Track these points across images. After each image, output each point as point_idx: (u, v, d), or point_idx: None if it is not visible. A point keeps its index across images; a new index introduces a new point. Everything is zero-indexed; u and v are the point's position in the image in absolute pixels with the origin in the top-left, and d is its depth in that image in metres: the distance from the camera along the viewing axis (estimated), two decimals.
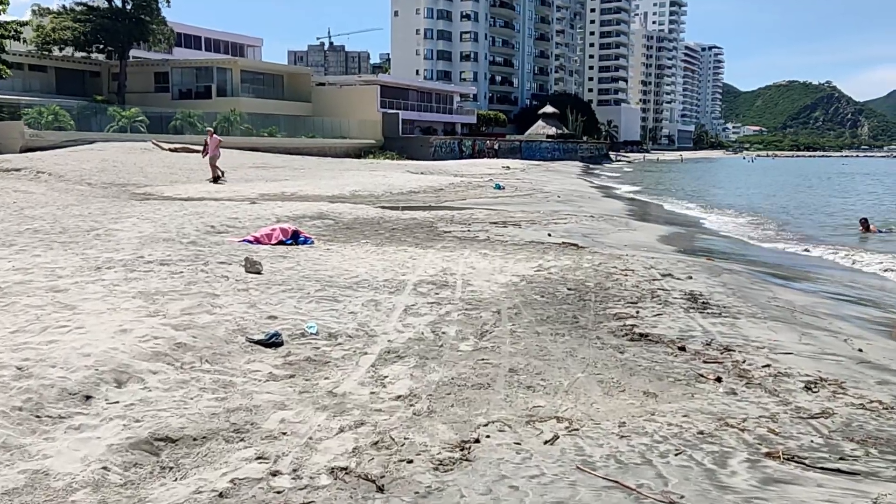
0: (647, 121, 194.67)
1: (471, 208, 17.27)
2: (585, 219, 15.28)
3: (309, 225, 12.22)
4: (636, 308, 6.35)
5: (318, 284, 6.82)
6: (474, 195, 22.10)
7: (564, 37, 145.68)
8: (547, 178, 36.89)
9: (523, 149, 68.86)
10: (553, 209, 17.93)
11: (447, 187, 24.95)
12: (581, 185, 33.45)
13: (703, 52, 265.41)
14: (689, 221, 18.68)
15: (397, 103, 60.67)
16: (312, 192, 21.54)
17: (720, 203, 25.61)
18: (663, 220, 17.92)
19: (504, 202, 20.05)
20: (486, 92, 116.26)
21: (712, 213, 20.55)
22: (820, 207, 25.54)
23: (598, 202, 22.20)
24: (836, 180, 48.74)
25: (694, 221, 18.60)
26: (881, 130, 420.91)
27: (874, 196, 33.13)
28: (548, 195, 23.08)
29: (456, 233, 11.87)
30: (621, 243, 11.68)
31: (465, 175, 33.99)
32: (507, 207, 18.02)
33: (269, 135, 50.15)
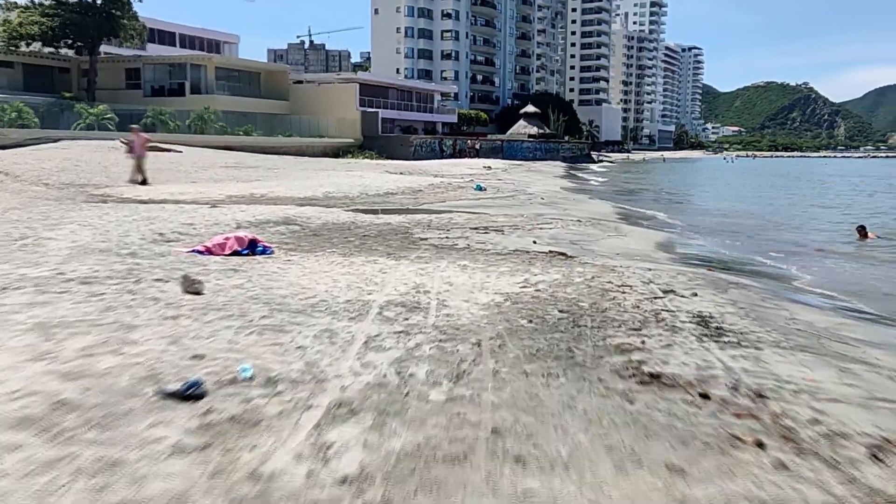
0: (628, 121, 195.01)
1: (450, 212, 16.27)
2: (572, 223, 14.34)
3: (272, 231, 11.14)
4: (640, 336, 5.37)
5: (267, 308, 5.77)
6: (454, 197, 21.11)
7: (546, 36, 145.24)
8: (529, 178, 35.98)
9: (505, 148, 67.99)
10: (537, 212, 16.97)
11: (426, 188, 23.94)
12: (565, 187, 32.58)
13: (683, 53, 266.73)
14: (680, 227, 17.86)
15: (377, 102, 59.53)
16: (284, 193, 20.42)
17: (710, 208, 24.81)
18: (654, 225, 17.04)
19: (485, 205, 19.07)
20: (467, 91, 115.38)
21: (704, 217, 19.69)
22: (810, 211, 24.87)
23: (583, 205, 21.29)
24: (830, 185, 48.34)
25: (685, 227, 17.75)
26: (857, 131, 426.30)
27: (871, 198, 32.64)
28: (531, 197, 22.14)
29: (433, 240, 10.85)
30: (612, 251, 10.74)
31: (446, 175, 32.99)
32: (489, 211, 17.04)
33: (245, 133, 48.82)
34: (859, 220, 17.83)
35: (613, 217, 17.57)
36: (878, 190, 39.80)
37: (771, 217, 21.64)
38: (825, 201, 30.04)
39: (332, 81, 58.36)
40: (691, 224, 18.14)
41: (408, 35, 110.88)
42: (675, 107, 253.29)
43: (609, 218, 17.05)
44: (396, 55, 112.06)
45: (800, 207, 26.18)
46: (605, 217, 17.17)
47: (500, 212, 16.70)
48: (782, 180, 52.52)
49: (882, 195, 34.94)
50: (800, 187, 42.38)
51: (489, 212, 16.71)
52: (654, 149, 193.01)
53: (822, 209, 25.43)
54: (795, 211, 24.59)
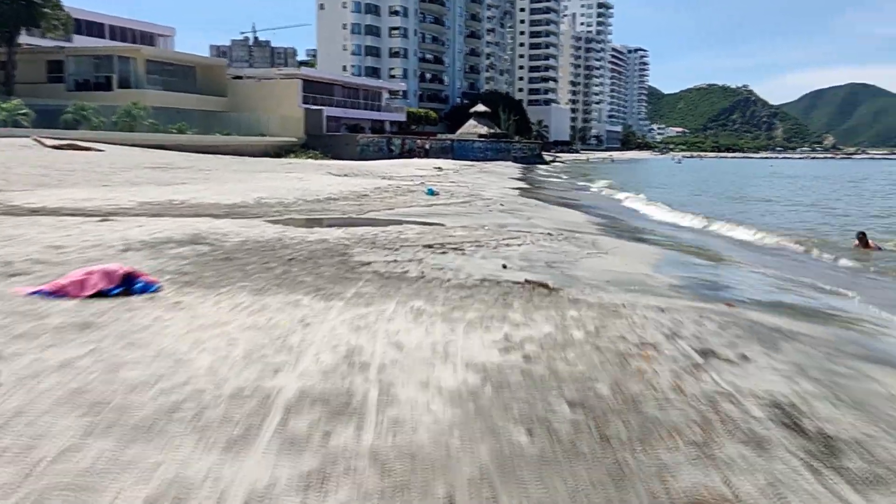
0: (577, 121, 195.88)
1: (399, 222, 14.00)
2: (543, 237, 12.23)
3: (171, 255, 8.69)
4: (716, 467, 3.22)
5: (85, 420, 3.41)
6: (404, 203, 18.83)
7: (495, 35, 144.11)
8: (483, 181, 33.94)
9: (455, 148, 65.97)
10: (499, 222, 14.85)
11: (372, 193, 21.59)
12: (522, 190, 30.61)
13: (630, 54, 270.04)
14: (665, 235, 15.93)
15: (321, 99, 56.79)
16: (209, 199, 17.83)
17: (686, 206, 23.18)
18: (633, 235, 15.11)
19: (439, 212, 16.85)
20: (416, 89, 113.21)
21: (684, 221, 17.80)
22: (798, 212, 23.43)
23: (547, 211, 19.27)
24: (800, 184, 47.69)
25: (670, 235, 15.82)
26: (794, 133, 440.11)
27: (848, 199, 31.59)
28: (489, 203, 20.01)
29: (378, 265, 8.57)
30: (601, 277, 8.65)
31: (394, 177, 30.68)
32: (445, 220, 14.83)
33: (179, 131, 45.58)
34: (859, 225, 16.22)
35: (586, 227, 15.56)
36: (847, 192, 39.25)
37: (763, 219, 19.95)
38: (804, 200, 28.87)
39: (274, 77, 55.36)
40: (675, 234, 16.33)
41: (354, 32, 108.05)
42: (621, 107, 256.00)
43: (582, 229, 15.01)
44: (343, 52, 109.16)
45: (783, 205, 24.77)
46: (577, 228, 15.13)
47: (456, 222, 14.51)
48: (747, 179, 51.92)
49: (853, 196, 34.15)
50: (774, 186, 41.60)
51: (445, 222, 14.50)
52: (602, 149, 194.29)
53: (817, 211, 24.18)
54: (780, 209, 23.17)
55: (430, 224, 13.88)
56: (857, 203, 28.67)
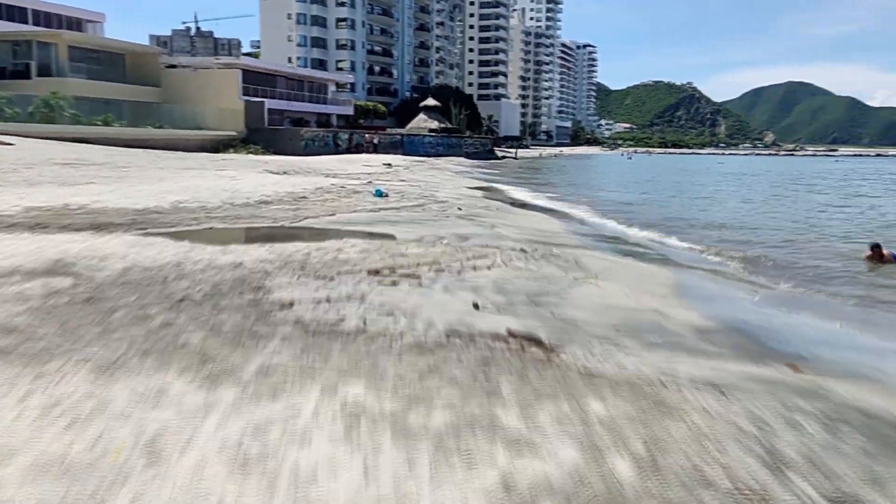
0: (527, 116, 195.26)
1: (340, 233, 11.60)
2: (515, 254, 9.98)
3: (9, 296, 6.14)
4: None
5: None
6: (348, 207, 16.36)
7: (444, 29, 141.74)
8: (437, 179, 31.61)
9: (405, 143, 63.50)
10: (459, 232, 12.56)
11: (313, 194, 19.05)
12: (480, 189, 28.38)
13: (578, 50, 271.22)
14: (650, 246, 13.86)
15: (263, 91, 53.53)
16: (115, 203, 15.05)
17: (675, 214, 21.03)
18: (616, 247, 12.99)
19: (389, 218, 14.47)
20: (364, 82, 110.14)
21: (671, 236, 15.71)
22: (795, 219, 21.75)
23: (511, 215, 17.04)
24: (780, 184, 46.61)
25: (661, 251, 13.73)
26: (736, 129, 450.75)
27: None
28: (445, 206, 17.69)
29: (303, 308, 6.17)
30: (605, 319, 6.45)
31: (339, 175, 28.12)
32: (395, 230, 12.47)
33: (104, 123, 41.93)
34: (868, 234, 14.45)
35: (562, 238, 13.35)
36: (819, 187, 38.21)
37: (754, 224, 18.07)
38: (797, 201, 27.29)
39: (212, 66, 51.85)
40: (675, 243, 14.26)
41: (300, 22, 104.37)
42: (571, 103, 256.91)
43: (556, 240, 12.78)
44: (288, 43, 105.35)
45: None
46: (551, 238, 12.90)
47: (409, 232, 12.17)
48: (705, 178, 50.85)
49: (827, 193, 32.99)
50: (744, 186, 40.38)
51: (395, 232, 12.14)
52: (552, 144, 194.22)
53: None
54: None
55: (378, 236, 11.51)
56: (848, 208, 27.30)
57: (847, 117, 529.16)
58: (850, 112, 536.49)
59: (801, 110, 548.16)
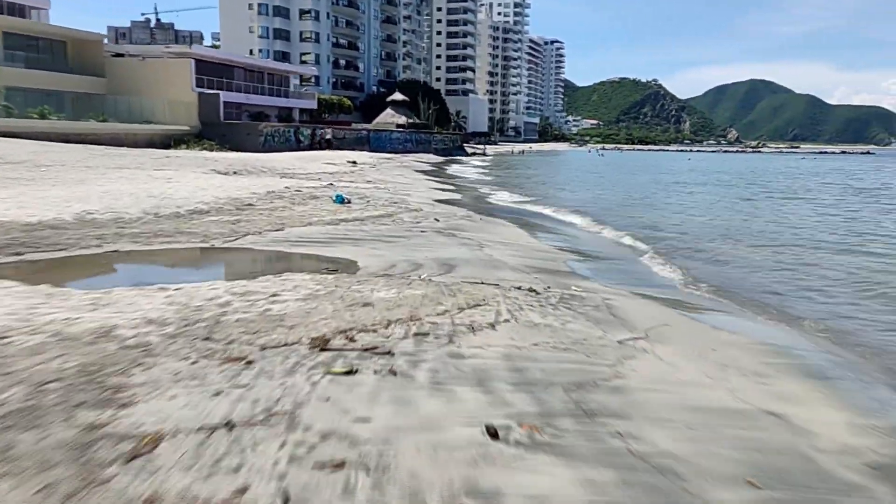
0: (495, 112, 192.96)
1: (282, 262, 8.69)
2: (523, 297, 7.15)
3: None
4: None
5: None
6: (301, 218, 13.39)
7: (411, 23, 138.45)
8: (407, 179, 28.72)
9: (371, 139, 60.34)
10: (441, 256, 9.73)
11: (262, 200, 16.01)
12: (454, 192, 25.51)
13: (546, 46, 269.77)
14: (693, 280, 11.03)
15: (219, 82, 49.93)
16: (5, 214, 11.92)
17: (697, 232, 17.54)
18: (639, 277, 10.20)
19: (350, 236, 11.55)
20: (329, 76, 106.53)
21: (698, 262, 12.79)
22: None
23: (500, 229, 14.17)
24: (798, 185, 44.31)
25: (697, 280, 10.91)
26: (700, 126, 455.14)
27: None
28: (418, 216, 14.79)
29: (170, 458, 3.27)
30: (715, 450, 3.69)
31: (298, 175, 25.06)
32: (357, 254, 9.59)
33: (40, 116, 38.16)
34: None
35: (572, 261, 10.53)
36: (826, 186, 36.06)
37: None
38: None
39: (162, 55, 48.07)
40: (705, 275, 11.46)
41: (261, 13, 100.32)
42: (538, 99, 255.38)
43: (566, 264, 9.97)
44: (249, 35, 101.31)
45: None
46: (559, 263, 10.07)
47: (376, 258, 9.31)
48: (686, 176, 48.55)
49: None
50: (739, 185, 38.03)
51: (358, 258, 9.27)
52: (521, 140, 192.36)
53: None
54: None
55: (334, 265, 8.64)
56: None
57: (807, 115, 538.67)
58: (810, 109, 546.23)
59: (763, 108, 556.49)
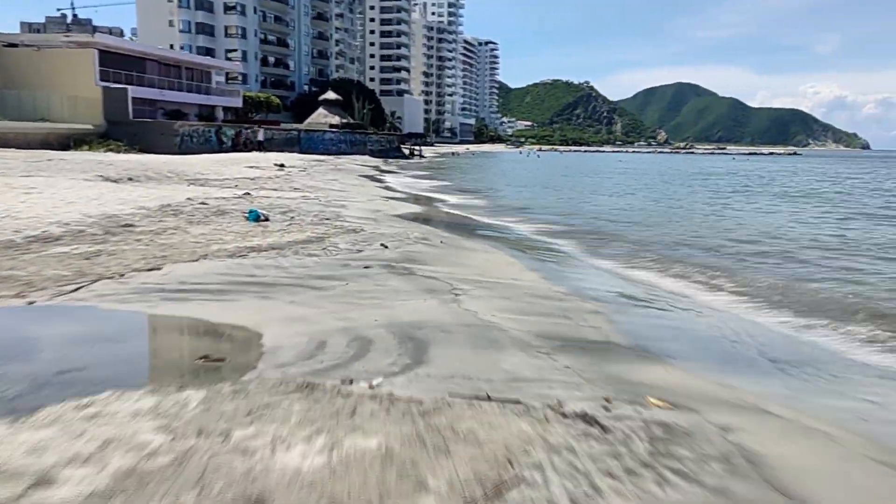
0: (430, 113, 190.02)
1: (124, 347, 4.90)
2: (576, 441, 3.64)
3: None
4: None
5: None
6: (195, 247, 9.54)
7: (344, 21, 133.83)
8: (341, 185, 24.88)
9: (303, 140, 56.04)
10: (395, 317, 6.13)
11: (148, 218, 12.02)
12: (401, 200, 21.82)
13: (481, 47, 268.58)
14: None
15: (128, 76, 44.85)
16: None
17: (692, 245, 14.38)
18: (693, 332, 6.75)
19: (258, 279, 7.79)
20: (257, 74, 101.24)
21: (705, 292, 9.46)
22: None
23: (473, 256, 10.57)
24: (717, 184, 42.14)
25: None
26: (631, 128, 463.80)
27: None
28: (357, 240, 11.07)
29: None
30: None
31: (211, 181, 20.96)
32: (262, 320, 5.87)
33: None
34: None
35: (602, 317, 6.87)
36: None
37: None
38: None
39: (61, 45, 42.72)
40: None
41: (182, 5, 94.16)
42: (474, 100, 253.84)
43: (603, 330, 6.41)
44: (170, 29, 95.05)
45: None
46: (589, 328, 6.55)
47: (291, 323, 5.67)
48: (640, 178, 46.06)
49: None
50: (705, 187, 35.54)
51: (262, 329, 5.58)
52: (457, 142, 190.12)
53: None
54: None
55: (220, 345, 4.95)
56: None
57: (730, 117, 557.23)
58: (733, 112, 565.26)
59: (689, 110, 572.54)
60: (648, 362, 5.45)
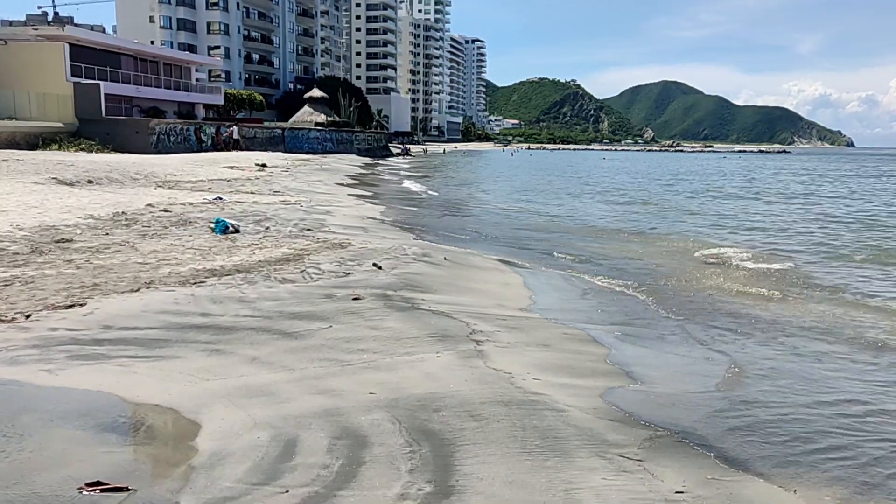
0: (417, 111, 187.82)
1: None
2: None
3: None
4: None
5: None
6: (140, 270, 7.59)
7: (330, 18, 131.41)
8: (327, 187, 22.91)
9: (287, 139, 53.89)
10: (400, 390, 4.25)
11: (93, 230, 10.05)
12: (399, 207, 19.84)
13: (467, 45, 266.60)
14: None
15: (102, 72, 42.51)
16: None
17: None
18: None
19: (212, 320, 5.87)
20: (241, 72, 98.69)
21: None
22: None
23: (487, 279, 8.66)
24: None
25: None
26: (618, 126, 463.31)
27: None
28: (344, 258, 9.12)
29: None
30: None
31: (182, 184, 18.94)
32: (201, 397, 3.98)
33: None
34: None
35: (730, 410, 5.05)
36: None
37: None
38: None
39: (29, 39, 40.35)
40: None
41: (163, 1, 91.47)
42: (461, 99, 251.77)
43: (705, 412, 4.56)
44: (150, 25, 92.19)
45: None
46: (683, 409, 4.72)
47: (244, 402, 3.75)
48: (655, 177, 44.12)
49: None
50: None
51: (200, 414, 3.67)
52: (444, 140, 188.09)
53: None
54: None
55: (117, 474, 3.02)
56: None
57: (716, 115, 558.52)
58: (719, 110, 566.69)
59: (675, 108, 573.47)
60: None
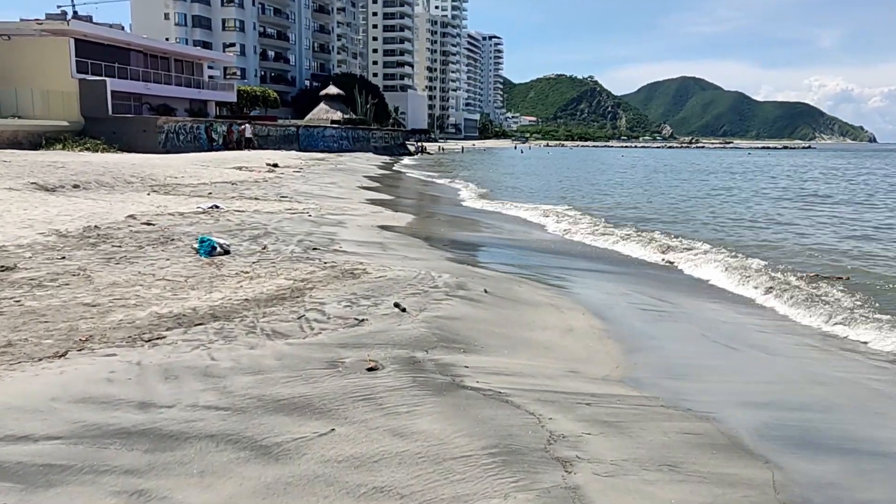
0: (434, 108, 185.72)
1: None
2: None
3: None
4: None
5: None
6: (82, 315, 5.69)
7: (346, 15, 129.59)
8: (341, 191, 20.91)
9: (301, 137, 52.10)
10: None
11: (51, 253, 8.17)
12: (430, 220, 17.83)
13: (485, 42, 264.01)
14: None
15: (109, 68, 40.89)
16: None
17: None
18: None
19: (144, 421, 3.91)
20: (256, 69, 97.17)
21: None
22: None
23: (534, 316, 6.54)
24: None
25: None
26: (636, 122, 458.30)
27: None
28: (356, 293, 7.13)
29: None
30: None
31: (181, 188, 17.05)
32: None
33: None
34: None
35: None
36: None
37: None
38: None
39: (33, 33, 38.82)
40: None
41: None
42: (478, 96, 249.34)
43: None
44: (165, 22, 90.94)
45: None
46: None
47: None
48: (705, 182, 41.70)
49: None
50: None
51: None
52: (461, 138, 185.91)
53: None
54: None
55: None
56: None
57: (735, 111, 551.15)
58: (739, 106, 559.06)
59: (694, 104, 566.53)
60: None
